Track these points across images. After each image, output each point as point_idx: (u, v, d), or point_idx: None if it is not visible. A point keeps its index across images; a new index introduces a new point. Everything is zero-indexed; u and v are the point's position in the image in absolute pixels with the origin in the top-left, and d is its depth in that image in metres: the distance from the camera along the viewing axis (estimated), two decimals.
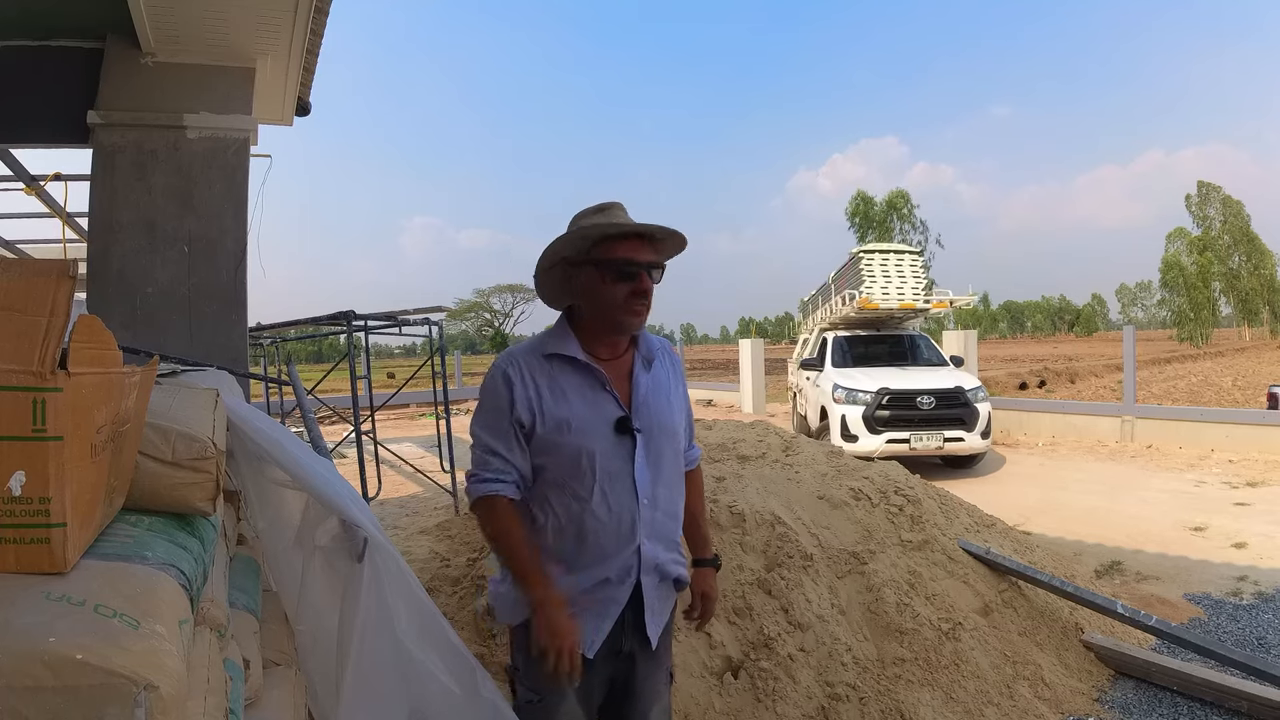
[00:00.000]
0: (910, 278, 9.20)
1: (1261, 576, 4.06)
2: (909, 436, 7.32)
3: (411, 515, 6.02)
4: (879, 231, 38.62)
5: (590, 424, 1.44)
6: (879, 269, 9.20)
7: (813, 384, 8.88)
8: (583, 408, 1.45)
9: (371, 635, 1.57)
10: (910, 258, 9.44)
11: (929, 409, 7.42)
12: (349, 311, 5.37)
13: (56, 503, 0.81)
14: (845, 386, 7.75)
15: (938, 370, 8.42)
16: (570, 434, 1.42)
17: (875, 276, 9.11)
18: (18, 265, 0.85)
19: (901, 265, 9.29)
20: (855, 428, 7.44)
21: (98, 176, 3.35)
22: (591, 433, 1.43)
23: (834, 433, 7.53)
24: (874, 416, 7.39)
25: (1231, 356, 28.78)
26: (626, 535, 1.45)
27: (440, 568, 3.84)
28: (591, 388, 1.47)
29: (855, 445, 7.22)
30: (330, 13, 3.49)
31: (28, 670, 0.70)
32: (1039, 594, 3.22)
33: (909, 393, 7.49)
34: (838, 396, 7.68)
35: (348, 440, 7.18)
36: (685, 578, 1.60)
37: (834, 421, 7.61)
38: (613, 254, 1.42)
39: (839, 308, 9.52)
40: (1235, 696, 2.63)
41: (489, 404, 1.47)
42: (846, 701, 2.44)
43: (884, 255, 9.39)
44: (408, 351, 59.69)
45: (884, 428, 7.37)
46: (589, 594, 1.45)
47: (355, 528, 1.60)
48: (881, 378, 7.79)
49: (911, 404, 7.45)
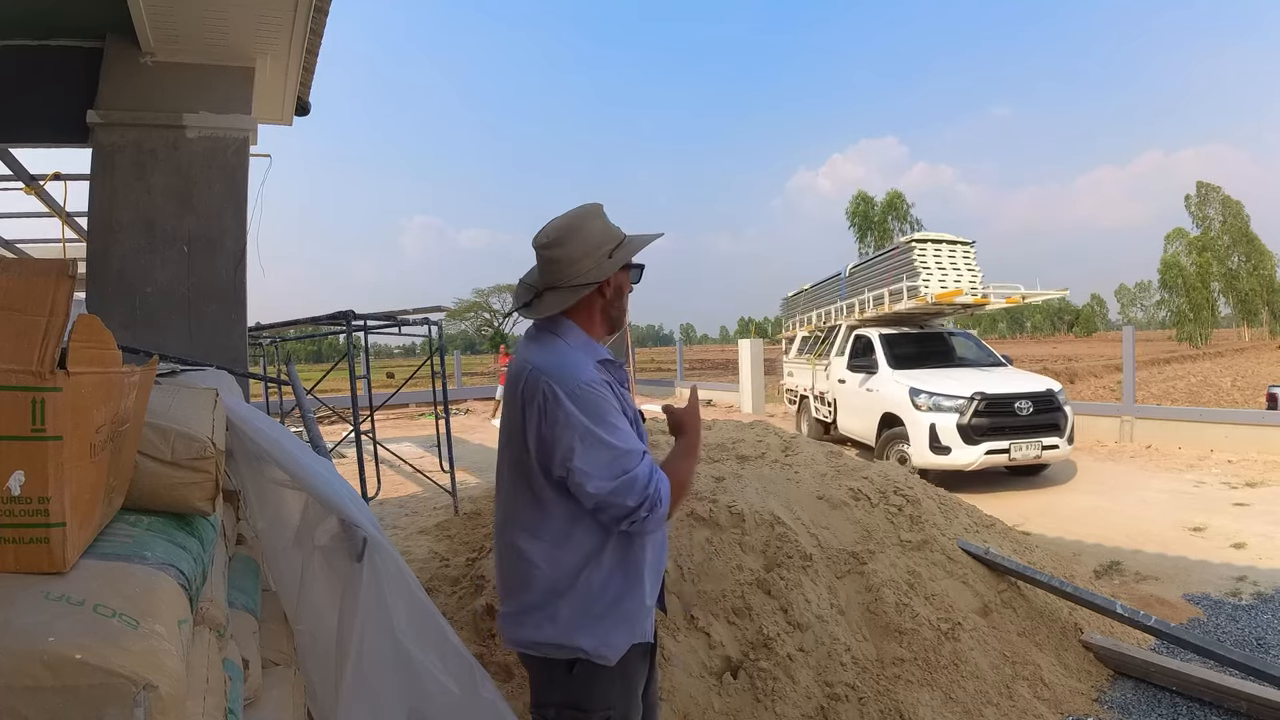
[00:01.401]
0: (965, 270, 8.29)
1: (1260, 577, 4.06)
2: (1009, 446, 6.48)
3: (411, 515, 6.02)
4: (878, 231, 38.64)
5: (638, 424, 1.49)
6: (933, 260, 8.27)
7: (862, 388, 7.90)
8: (629, 408, 1.48)
9: (371, 635, 1.57)
10: (963, 249, 8.50)
11: (1027, 415, 6.63)
12: (348, 311, 5.37)
13: (56, 502, 0.81)
14: (929, 391, 6.77)
15: (1011, 371, 7.68)
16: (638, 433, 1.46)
17: (930, 268, 8.17)
18: (17, 265, 0.85)
19: (955, 257, 8.40)
20: (948, 438, 6.48)
21: (97, 176, 3.35)
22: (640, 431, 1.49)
23: (915, 445, 6.69)
24: (971, 425, 6.47)
25: (1231, 357, 28.80)
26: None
27: (440, 567, 3.84)
28: (618, 387, 1.49)
29: (947, 458, 6.47)
30: (330, 12, 3.49)
31: (27, 670, 0.70)
32: (1038, 594, 3.23)
33: (1007, 397, 6.64)
34: (920, 403, 6.73)
35: (347, 440, 7.18)
36: None
37: (916, 432, 6.69)
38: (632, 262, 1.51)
39: (886, 301, 8.45)
40: (1234, 697, 2.64)
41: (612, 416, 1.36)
42: (846, 701, 2.44)
43: (936, 246, 8.45)
44: (407, 351, 59.69)
45: (982, 437, 6.47)
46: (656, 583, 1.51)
47: (354, 527, 1.60)
48: (966, 380, 6.93)
49: (1010, 410, 6.60)
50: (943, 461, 6.51)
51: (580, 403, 1.33)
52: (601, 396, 1.36)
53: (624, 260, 1.46)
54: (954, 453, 6.49)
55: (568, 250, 1.42)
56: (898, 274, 8.52)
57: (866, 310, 8.95)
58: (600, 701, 1.40)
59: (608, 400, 1.36)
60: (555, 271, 1.43)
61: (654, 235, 1.54)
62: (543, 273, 1.47)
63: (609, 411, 1.35)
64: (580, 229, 1.43)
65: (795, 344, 11.52)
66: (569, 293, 1.43)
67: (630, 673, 1.46)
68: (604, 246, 1.44)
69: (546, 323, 1.47)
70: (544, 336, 1.46)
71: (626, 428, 1.37)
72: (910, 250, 8.45)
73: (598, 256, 1.43)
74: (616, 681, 1.42)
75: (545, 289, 1.46)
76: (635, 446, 1.35)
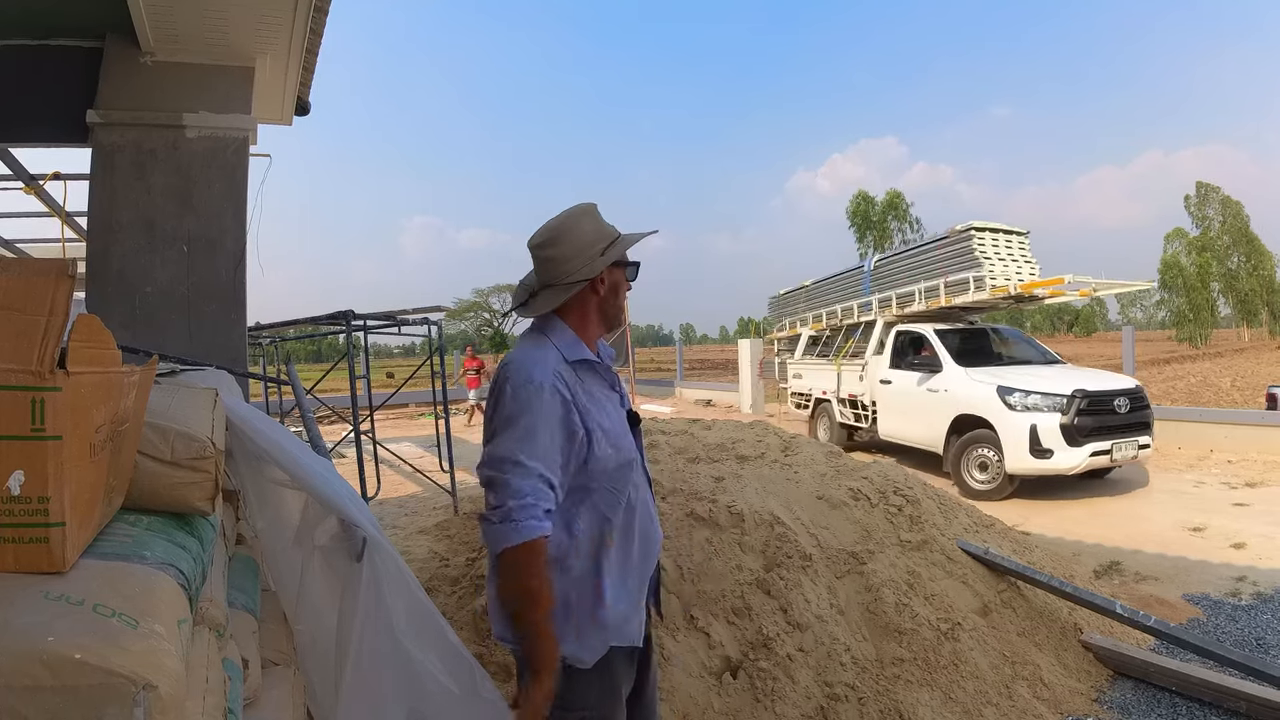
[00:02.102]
0: (1022, 261, 7.76)
1: (1260, 577, 4.06)
2: (1110, 446, 6.10)
3: (410, 515, 6.02)
4: (878, 231, 38.64)
5: (622, 426, 1.47)
6: (991, 249, 7.67)
7: (920, 389, 7.30)
8: (614, 411, 1.46)
9: (370, 635, 1.56)
10: (1018, 239, 7.93)
11: (1124, 413, 6.27)
12: (348, 311, 5.37)
13: (55, 502, 0.81)
14: (1024, 389, 6.25)
15: (1081, 369, 7.37)
16: (618, 441, 1.43)
17: (990, 258, 7.56)
18: (17, 264, 0.85)
19: (1011, 247, 7.83)
20: (1050, 440, 5.99)
21: (97, 176, 3.35)
22: (626, 434, 1.47)
23: (1010, 448, 6.13)
24: (1075, 425, 6.01)
25: (1230, 357, 28.77)
26: (656, 522, 1.54)
27: (439, 567, 3.84)
28: (607, 390, 1.48)
29: (1048, 462, 6.00)
30: (330, 12, 3.49)
31: (27, 670, 0.70)
32: (1038, 594, 3.23)
33: (1107, 394, 6.26)
34: (1014, 402, 6.22)
35: (347, 440, 7.18)
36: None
37: (1011, 434, 6.14)
38: (625, 258, 1.50)
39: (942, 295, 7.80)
40: (1234, 697, 2.64)
41: (538, 425, 1.31)
42: (845, 701, 2.44)
43: (994, 235, 7.84)
44: (407, 351, 59.62)
45: (1086, 438, 6.04)
46: (641, 587, 1.50)
47: (354, 527, 1.60)
48: (1053, 377, 6.53)
49: (1110, 408, 6.22)
50: (1044, 466, 6.01)
51: (517, 398, 1.33)
52: (539, 400, 1.32)
53: (615, 257, 1.46)
54: (1056, 456, 5.98)
55: (560, 249, 1.43)
56: (951, 265, 7.87)
57: (912, 304, 8.26)
58: (578, 702, 1.39)
59: (544, 406, 1.32)
60: (548, 270, 1.45)
61: (647, 233, 1.54)
62: (537, 272, 1.49)
63: (537, 418, 1.31)
64: (572, 229, 1.44)
65: (800, 344, 10.75)
66: (561, 290, 1.43)
67: (611, 675, 1.44)
68: (596, 245, 1.44)
69: (539, 321, 1.48)
70: (532, 334, 1.48)
71: (546, 442, 1.31)
72: (969, 239, 7.73)
73: (589, 255, 1.43)
74: (595, 684, 1.41)
75: (540, 288, 1.48)
76: (531, 464, 1.29)
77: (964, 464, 6.55)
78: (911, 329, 7.95)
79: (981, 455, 6.47)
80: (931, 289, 8.07)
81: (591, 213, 1.49)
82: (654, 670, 1.65)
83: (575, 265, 1.43)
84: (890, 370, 7.89)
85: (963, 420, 6.71)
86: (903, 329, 8.06)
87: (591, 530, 1.41)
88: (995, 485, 6.31)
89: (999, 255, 7.69)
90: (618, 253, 1.46)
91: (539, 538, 1.27)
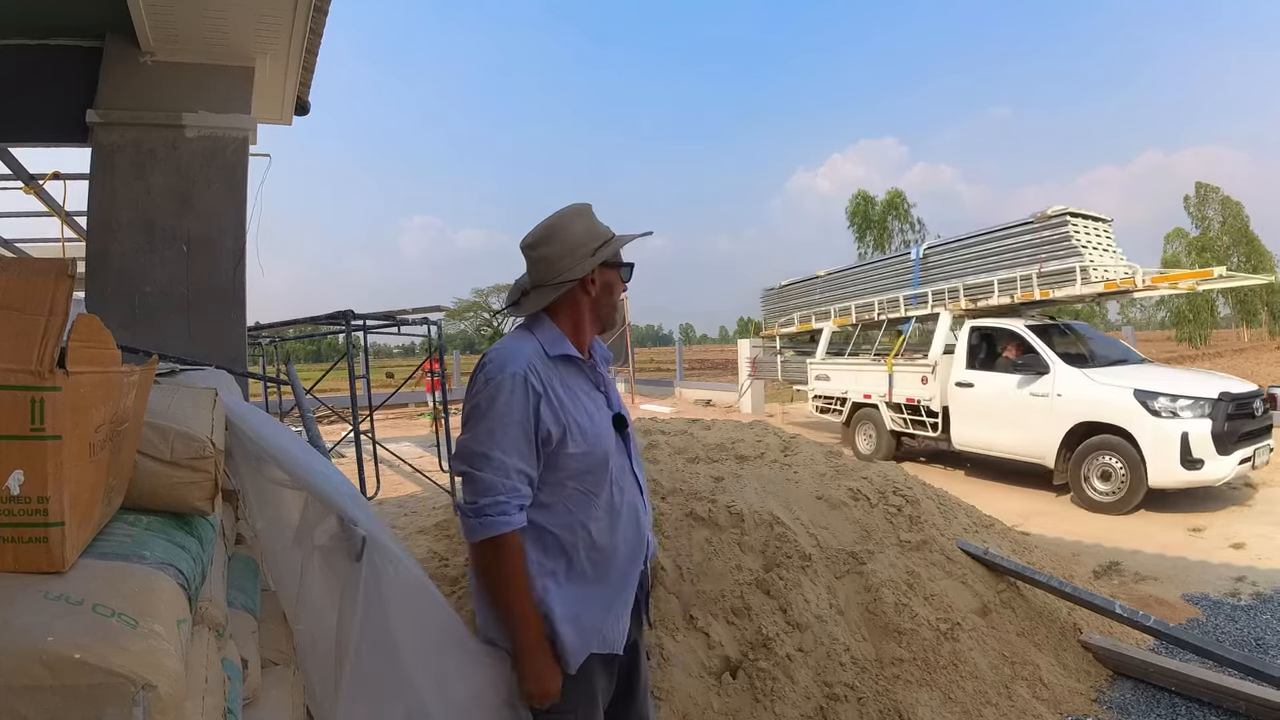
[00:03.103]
0: (1110, 250, 7.06)
1: (1260, 577, 4.06)
2: (1252, 453, 5.67)
3: (410, 515, 6.02)
4: (878, 231, 38.59)
5: (603, 426, 1.45)
6: (1085, 236, 6.89)
7: (1021, 392, 6.49)
8: (594, 410, 1.45)
9: (370, 634, 1.56)
10: (1104, 226, 7.19)
11: (1260, 416, 5.87)
12: (347, 311, 5.37)
13: (55, 502, 0.80)
14: (1169, 393, 5.62)
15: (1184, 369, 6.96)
16: (594, 441, 1.41)
17: (1088, 246, 6.80)
18: (16, 264, 0.85)
19: (1099, 235, 7.07)
20: (1201, 449, 5.39)
21: (96, 175, 3.35)
22: (605, 434, 1.44)
23: (1155, 459, 5.49)
24: (1225, 431, 5.47)
25: (1230, 357, 28.76)
26: (643, 528, 1.50)
27: (439, 567, 3.84)
28: (590, 389, 1.47)
29: (1198, 474, 5.42)
30: (330, 12, 3.49)
31: (26, 670, 0.70)
32: (1037, 594, 3.23)
33: (1247, 397, 5.79)
34: (1158, 407, 5.57)
35: (346, 440, 7.18)
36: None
37: (1157, 443, 5.50)
38: (619, 259, 1.49)
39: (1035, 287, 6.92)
40: (1233, 697, 2.64)
41: (508, 417, 1.33)
42: (844, 702, 2.44)
43: (1085, 221, 7.02)
44: (406, 351, 59.53)
45: (1234, 445, 5.52)
46: (621, 593, 1.47)
47: (353, 526, 1.59)
48: (1188, 379, 6.02)
49: (1250, 411, 5.77)
50: (1193, 478, 5.45)
51: (488, 387, 1.35)
52: (509, 390, 1.33)
53: (605, 257, 1.45)
54: (1207, 466, 5.42)
55: (551, 249, 1.44)
56: (1040, 253, 7.02)
57: (988, 298, 7.39)
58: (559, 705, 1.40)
59: (514, 397, 1.33)
60: (539, 270, 1.46)
61: (640, 234, 1.54)
62: (529, 272, 1.49)
63: (506, 409, 1.33)
64: (563, 229, 1.44)
65: (823, 341, 9.68)
66: (551, 290, 1.44)
67: (589, 681, 1.43)
68: (587, 245, 1.44)
69: (529, 319, 1.49)
70: (519, 330, 1.49)
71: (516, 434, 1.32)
72: (1064, 224, 6.88)
73: (580, 255, 1.43)
74: (569, 689, 1.40)
75: (531, 288, 1.49)
76: (501, 458, 1.31)
77: (1083, 475, 5.92)
78: (995, 325, 7.12)
79: (1105, 464, 5.80)
80: (1012, 281, 7.14)
81: (585, 213, 1.49)
82: (643, 677, 1.61)
83: (565, 265, 1.43)
84: (969, 371, 7.07)
85: (1084, 427, 6.01)
86: (981, 325, 7.23)
87: (562, 531, 1.40)
88: (1120, 497, 5.69)
89: (1094, 244, 6.91)
90: (609, 253, 1.46)
91: (510, 532, 1.32)
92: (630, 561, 1.48)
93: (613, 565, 1.44)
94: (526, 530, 1.38)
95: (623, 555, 1.46)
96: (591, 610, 1.42)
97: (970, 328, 7.28)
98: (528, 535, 1.39)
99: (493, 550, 1.33)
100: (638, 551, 1.49)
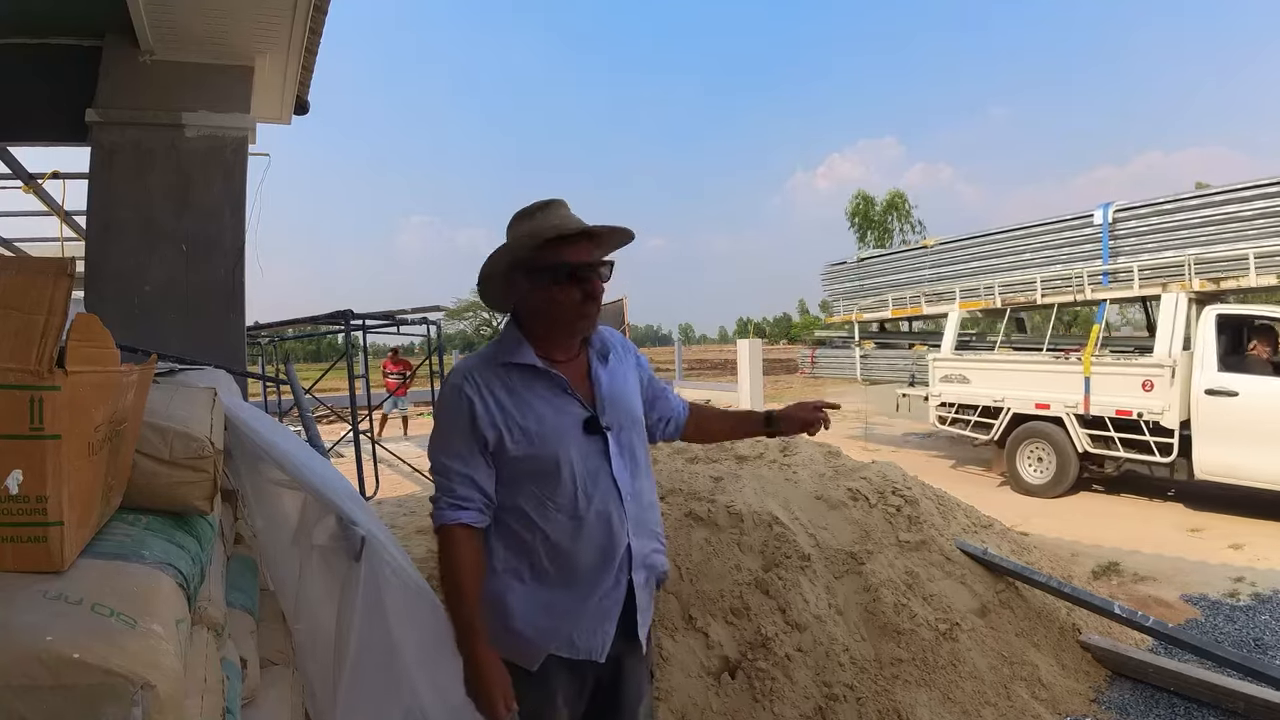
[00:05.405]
0: None
1: (1258, 577, 4.07)
2: None
3: (409, 515, 6.02)
4: (878, 230, 38.58)
5: (559, 430, 1.40)
6: None
7: None
8: (550, 414, 1.40)
9: (369, 634, 1.57)
10: None
11: None
12: (347, 310, 5.38)
13: (54, 501, 0.80)
14: None
15: None
16: (542, 444, 1.38)
17: None
18: (16, 263, 0.85)
19: None
20: None
21: (96, 174, 3.35)
22: (563, 438, 1.39)
23: None
24: None
25: None
26: (617, 536, 1.42)
27: (438, 567, 3.84)
28: (554, 394, 1.42)
29: None
30: (329, 12, 3.49)
31: (25, 669, 0.70)
32: (1036, 595, 3.23)
33: None
34: None
35: (346, 439, 7.18)
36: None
37: None
38: (564, 257, 1.36)
39: None
40: (1232, 697, 2.64)
41: (449, 424, 1.41)
42: (844, 702, 2.44)
43: None
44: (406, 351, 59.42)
45: None
46: (591, 602, 1.42)
47: (353, 526, 1.60)
48: None
49: None
50: None
51: (439, 398, 1.48)
52: (447, 406, 1.42)
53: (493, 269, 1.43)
54: None
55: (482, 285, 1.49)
56: None
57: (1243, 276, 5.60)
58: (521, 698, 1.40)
59: (452, 406, 1.40)
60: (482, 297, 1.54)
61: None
62: None
63: (448, 417, 1.42)
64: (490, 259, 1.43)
65: (949, 330, 7.54)
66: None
67: (545, 680, 1.42)
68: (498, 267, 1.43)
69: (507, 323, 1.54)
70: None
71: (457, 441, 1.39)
72: None
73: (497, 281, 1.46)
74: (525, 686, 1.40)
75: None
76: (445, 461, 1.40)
77: None
78: (1258, 314, 5.57)
79: None
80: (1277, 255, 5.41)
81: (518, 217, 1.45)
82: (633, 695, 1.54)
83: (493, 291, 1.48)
84: (1225, 375, 5.41)
85: None
86: (1231, 312, 5.61)
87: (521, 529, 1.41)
88: None
89: None
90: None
91: (454, 525, 1.38)
92: (597, 569, 1.42)
93: (576, 570, 1.41)
94: (496, 527, 1.43)
95: (587, 562, 1.41)
96: (554, 612, 1.40)
97: (1215, 316, 5.57)
98: (497, 532, 1.43)
99: (439, 543, 1.42)
100: (608, 559, 1.42)
